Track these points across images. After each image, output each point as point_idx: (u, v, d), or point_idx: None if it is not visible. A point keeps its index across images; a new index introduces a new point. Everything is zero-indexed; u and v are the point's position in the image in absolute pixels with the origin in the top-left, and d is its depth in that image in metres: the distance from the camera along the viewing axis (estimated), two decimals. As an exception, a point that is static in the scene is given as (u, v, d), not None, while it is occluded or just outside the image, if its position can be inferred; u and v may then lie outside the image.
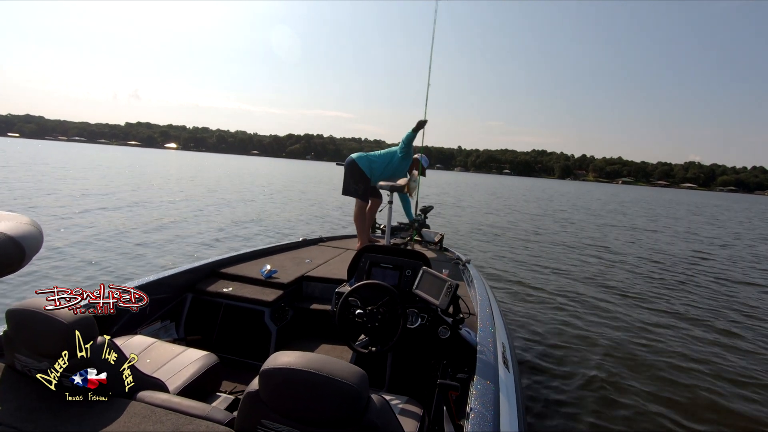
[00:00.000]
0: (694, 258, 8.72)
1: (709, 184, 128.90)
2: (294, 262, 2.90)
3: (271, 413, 0.91)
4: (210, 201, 12.60)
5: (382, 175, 3.69)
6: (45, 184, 13.17)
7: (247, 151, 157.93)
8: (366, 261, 2.11)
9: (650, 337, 4.05)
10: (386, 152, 3.77)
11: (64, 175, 17.24)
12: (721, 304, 5.41)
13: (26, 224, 1.05)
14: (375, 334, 1.76)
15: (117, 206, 9.87)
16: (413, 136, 3.61)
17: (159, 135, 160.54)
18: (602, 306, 4.96)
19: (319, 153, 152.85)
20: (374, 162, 3.70)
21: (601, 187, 76.57)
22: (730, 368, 3.47)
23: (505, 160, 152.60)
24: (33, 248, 1.02)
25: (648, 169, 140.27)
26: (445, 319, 1.80)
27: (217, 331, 2.29)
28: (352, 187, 3.69)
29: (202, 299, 2.33)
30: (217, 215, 9.94)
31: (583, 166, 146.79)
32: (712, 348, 3.89)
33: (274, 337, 2.26)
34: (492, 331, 1.82)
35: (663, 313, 4.83)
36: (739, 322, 4.72)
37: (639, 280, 6.42)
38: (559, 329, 4.07)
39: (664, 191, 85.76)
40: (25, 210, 8.46)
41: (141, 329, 2.03)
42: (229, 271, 2.54)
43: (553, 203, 23.67)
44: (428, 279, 1.88)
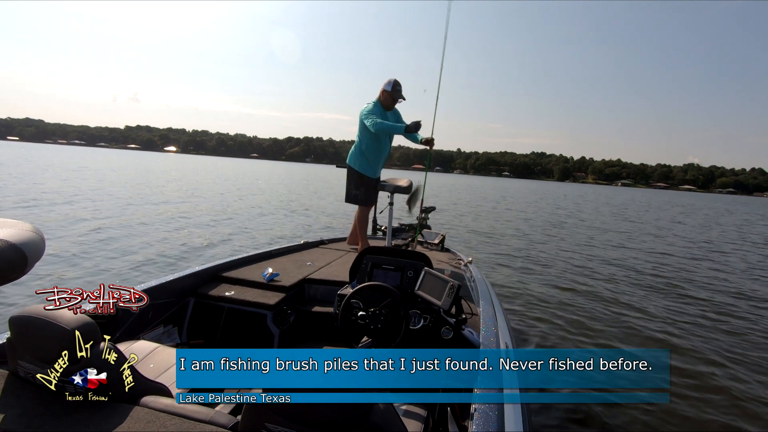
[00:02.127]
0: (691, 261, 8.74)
1: (708, 186, 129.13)
2: (296, 264, 2.90)
3: (275, 416, 0.90)
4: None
5: (380, 155, 3.45)
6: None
7: (246, 154, 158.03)
8: (368, 262, 2.11)
9: (652, 336, 4.05)
10: (368, 130, 3.38)
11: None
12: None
13: (28, 231, 1.05)
14: (378, 335, 1.76)
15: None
16: (398, 131, 3.30)
17: (159, 138, 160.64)
18: (606, 305, 4.95)
19: (318, 156, 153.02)
20: (366, 149, 3.43)
21: (600, 189, 76.67)
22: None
23: (504, 163, 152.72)
24: (35, 255, 1.03)
25: (647, 171, 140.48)
26: (447, 319, 1.80)
27: (219, 335, 2.29)
28: (353, 193, 3.54)
29: (204, 303, 2.34)
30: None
31: (583, 168, 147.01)
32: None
33: (277, 340, 2.26)
34: (495, 331, 1.82)
35: (668, 314, 4.83)
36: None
37: (642, 281, 6.42)
38: (562, 329, 4.07)
39: (663, 193, 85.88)
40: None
41: (144, 334, 2.03)
42: (231, 274, 2.54)
43: (553, 204, 23.71)
44: (430, 280, 1.88)
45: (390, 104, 3.42)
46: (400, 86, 3.40)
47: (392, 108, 3.47)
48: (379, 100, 3.41)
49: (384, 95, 3.39)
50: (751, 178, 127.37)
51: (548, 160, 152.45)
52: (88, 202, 10.57)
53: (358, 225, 3.61)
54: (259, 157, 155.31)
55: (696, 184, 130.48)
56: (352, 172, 3.51)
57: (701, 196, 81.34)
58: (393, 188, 3.33)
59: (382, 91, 3.40)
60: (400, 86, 3.40)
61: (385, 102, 3.40)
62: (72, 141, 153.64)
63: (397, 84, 3.38)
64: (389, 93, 3.37)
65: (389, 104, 3.42)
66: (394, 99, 3.40)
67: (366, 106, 3.39)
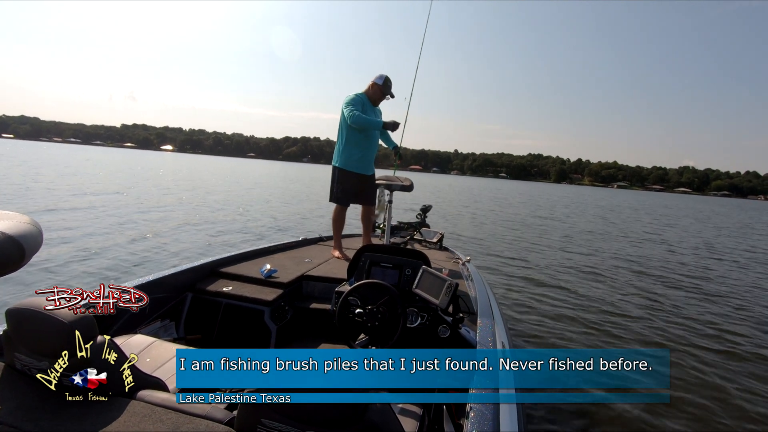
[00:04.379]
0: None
1: (703, 189, 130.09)
2: (294, 261, 2.90)
3: (271, 412, 0.90)
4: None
5: (364, 150, 3.22)
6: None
7: (243, 153, 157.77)
8: (366, 260, 2.11)
9: (652, 336, 4.07)
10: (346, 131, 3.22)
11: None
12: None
13: (26, 223, 1.05)
14: (375, 333, 1.75)
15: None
16: (375, 126, 3.13)
17: (155, 137, 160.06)
18: (605, 305, 4.97)
19: (315, 156, 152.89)
20: (346, 143, 3.21)
21: (596, 191, 77.08)
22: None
23: (501, 164, 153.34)
24: (33, 247, 1.02)
25: (643, 174, 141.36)
26: (444, 318, 1.80)
27: (216, 331, 2.29)
28: (332, 190, 3.34)
29: (201, 298, 2.33)
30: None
31: (579, 170, 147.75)
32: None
33: (274, 336, 2.26)
34: (492, 330, 1.82)
35: (668, 314, 4.86)
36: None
37: (642, 280, 6.45)
38: (559, 328, 4.08)
39: (659, 195, 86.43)
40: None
41: (141, 328, 2.02)
42: (229, 270, 2.53)
43: (552, 204, 23.80)
44: (428, 278, 1.88)
45: (378, 99, 3.25)
46: (391, 82, 3.26)
47: (378, 104, 3.30)
48: (367, 93, 3.23)
49: (374, 88, 3.22)
50: (745, 180, 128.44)
51: (545, 162, 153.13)
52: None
53: (332, 225, 3.38)
54: (256, 156, 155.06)
55: (691, 187, 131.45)
56: (333, 167, 3.33)
57: (696, 199, 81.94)
58: (390, 186, 3.31)
59: (372, 84, 3.23)
60: (391, 83, 3.26)
61: (374, 96, 3.23)
62: (67, 139, 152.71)
63: (388, 80, 3.24)
64: (380, 87, 3.20)
65: (377, 99, 3.25)
66: (384, 94, 3.24)
67: (350, 95, 3.17)
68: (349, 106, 3.10)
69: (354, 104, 3.11)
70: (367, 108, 3.19)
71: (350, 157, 3.23)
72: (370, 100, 3.23)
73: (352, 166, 3.24)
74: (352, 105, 3.10)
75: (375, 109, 3.28)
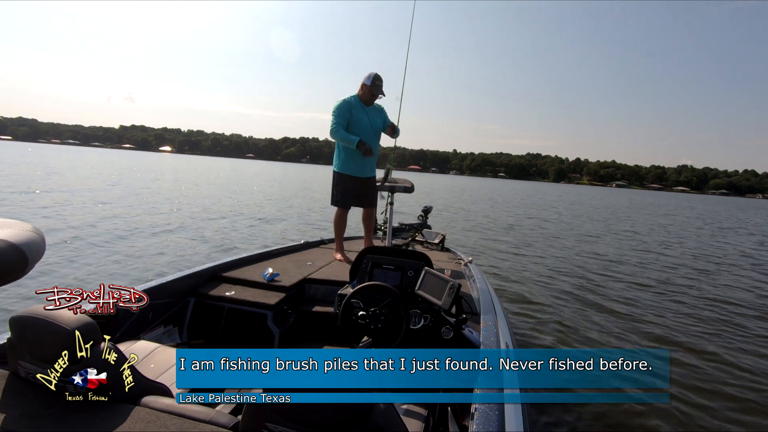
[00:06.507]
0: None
1: (701, 188, 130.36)
2: (296, 264, 2.90)
3: (276, 417, 0.90)
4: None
5: (357, 153, 3.16)
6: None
7: (242, 154, 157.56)
8: (368, 262, 2.11)
9: (652, 335, 4.08)
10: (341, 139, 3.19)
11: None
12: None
13: (28, 231, 1.04)
14: (378, 335, 1.75)
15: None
16: (350, 145, 3.08)
17: (153, 138, 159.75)
18: (607, 304, 4.98)
19: (314, 156, 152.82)
20: (342, 146, 3.21)
21: (595, 191, 77.15)
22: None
23: (500, 164, 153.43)
24: (35, 255, 1.01)
25: (641, 173, 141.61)
26: (448, 319, 1.80)
27: (219, 335, 2.28)
28: (333, 192, 3.37)
29: (204, 303, 2.33)
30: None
31: (578, 169, 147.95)
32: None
33: (277, 340, 2.25)
34: (495, 331, 1.82)
35: (668, 313, 4.87)
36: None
37: (641, 280, 6.46)
38: (562, 329, 4.09)
39: (657, 194, 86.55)
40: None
41: (144, 334, 2.02)
42: (231, 274, 2.53)
43: (552, 204, 23.82)
44: (430, 279, 1.88)
45: (369, 99, 3.24)
46: (380, 81, 3.22)
47: (371, 103, 3.28)
48: (359, 94, 3.25)
49: (363, 89, 3.22)
50: (743, 179, 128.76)
51: (543, 161, 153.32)
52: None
53: (334, 227, 3.40)
54: (255, 157, 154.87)
55: (689, 186, 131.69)
56: (333, 172, 3.35)
57: (695, 197, 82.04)
58: (391, 188, 3.31)
59: (361, 85, 3.24)
60: (381, 81, 3.23)
61: (364, 96, 3.23)
62: (66, 140, 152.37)
63: (377, 78, 3.21)
64: (368, 87, 3.20)
65: (368, 99, 3.24)
66: (374, 95, 3.23)
67: (337, 102, 3.18)
68: (332, 116, 3.13)
69: (337, 115, 3.12)
70: (358, 111, 3.19)
71: (347, 161, 3.26)
72: (362, 101, 3.23)
73: (350, 169, 3.27)
74: (334, 116, 3.12)
75: (368, 109, 3.26)
